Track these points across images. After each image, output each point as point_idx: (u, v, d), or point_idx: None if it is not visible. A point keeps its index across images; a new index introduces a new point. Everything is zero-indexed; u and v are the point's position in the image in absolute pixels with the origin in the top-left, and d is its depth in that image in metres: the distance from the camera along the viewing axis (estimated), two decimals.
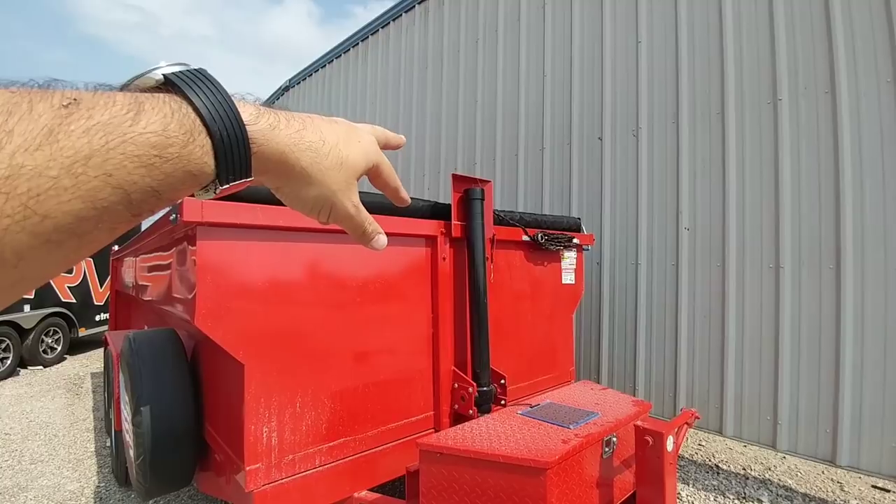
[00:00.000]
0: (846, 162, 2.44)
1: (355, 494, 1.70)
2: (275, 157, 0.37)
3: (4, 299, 0.26)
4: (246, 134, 0.34)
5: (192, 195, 0.34)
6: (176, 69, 0.34)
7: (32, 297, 5.93)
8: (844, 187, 2.44)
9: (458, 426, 1.68)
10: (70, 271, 6.55)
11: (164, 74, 0.33)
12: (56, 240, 0.25)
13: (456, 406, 2.04)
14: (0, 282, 0.24)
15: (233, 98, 0.34)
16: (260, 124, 0.35)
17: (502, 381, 2.12)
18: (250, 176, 0.35)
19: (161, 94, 0.31)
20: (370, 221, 0.47)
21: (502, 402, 2.09)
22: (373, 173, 0.48)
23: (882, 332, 2.32)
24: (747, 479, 2.82)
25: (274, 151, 0.37)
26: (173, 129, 0.29)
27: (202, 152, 0.31)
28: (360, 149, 0.45)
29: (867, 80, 2.40)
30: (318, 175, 0.40)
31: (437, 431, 1.96)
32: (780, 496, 2.61)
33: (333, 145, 0.41)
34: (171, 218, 1.45)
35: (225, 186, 0.34)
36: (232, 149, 0.33)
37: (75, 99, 0.25)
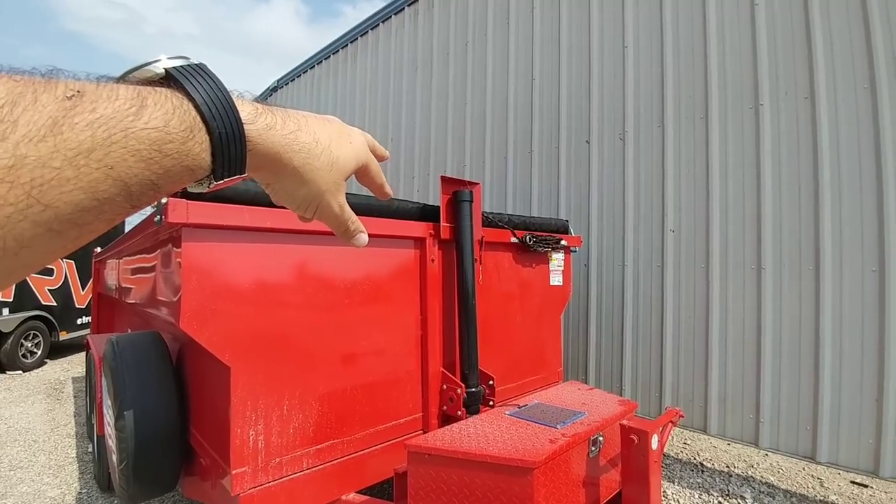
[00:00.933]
0: (825, 166, 2.50)
1: (343, 497, 1.70)
2: (269, 156, 0.38)
3: (1, 285, 0.26)
4: (244, 132, 0.34)
5: (186, 188, 0.35)
6: (177, 63, 0.34)
7: (11, 299, 5.79)
8: (823, 191, 2.50)
9: (447, 427, 1.69)
10: (50, 273, 6.41)
11: (165, 68, 0.33)
12: (57, 229, 0.25)
13: (444, 407, 2.05)
14: (0, 269, 0.24)
15: (232, 95, 0.34)
16: (257, 124, 0.36)
17: (490, 383, 2.13)
18: (245, 172, 0.36)
19: (162, 89, 0.31)
20: (353, 220, 0.48)
21: (490, 402, 2.10)
22: (361, 172, 0.50)
23: (859, 332, 2.38)
24: (731, 476, 2.87)
25: (269, 150, 0.37)
26: (174, 125, 0.30)
27: (200, 149, 0.32)
28: (350, 150, 0.46)
29: (845, 87, 2.47)
30: (309, 175, 0.41)
31: (425, 433, 1.96)
32: (763, 493, 2.66)
33: (326, 146, 0.42)
34: (156, 219, 1.43)
35: (219, 182, 0.35)
36: (229, 146, 0.33)
37: (79, 91, 0.26)
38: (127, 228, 2.72)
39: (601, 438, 1.66)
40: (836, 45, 2.50)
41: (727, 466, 2.99)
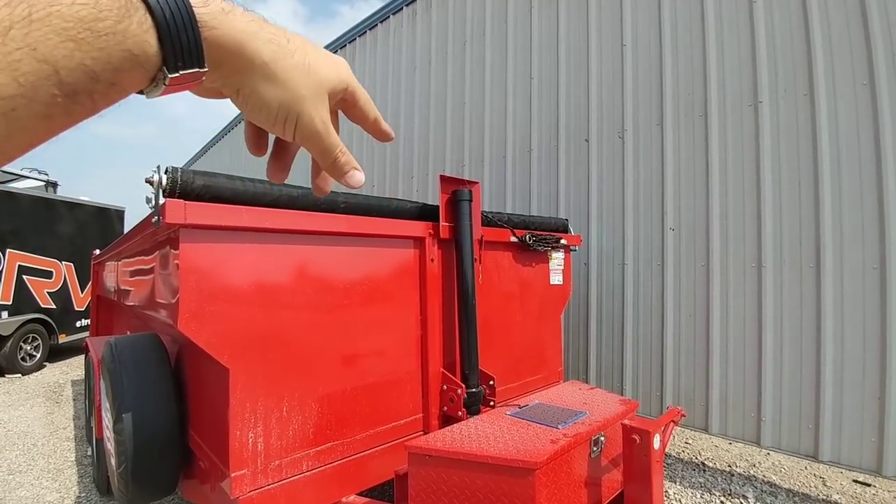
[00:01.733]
0: (825, 163, 2.50)
1: (343, 499, 1.69)
2: (230, 46, 0.34)
3: None
4: (193, 13, 0.31)
5: (144, 93, 0.32)
6: None
7: (10, 302, 5.77)
8: (823, 188, 2.49)
9: (447, 428, 1.68)
10: (49, 276, 6.40)
11: None
12: None
13: (445, 408, 2.04)
14: None
15: None
16: (211, 6, 0.32)
17: (491, 383, 2.12)
18: (203, 65, 0.32)
19: None
20: (343, 150, 0.42)
21: (491, 403, 2.09)
22: (348, 100, 0.43)
23: (860, 329, 2.37)
24: (733, 475, 2.86)
25: (229, 38, 0.33)
26: (105, 1, 0.27)
27: (142, 30, 0.29)
28: (331, 63, 0.40)
29: (844, 84, 2.46)
30: (281, 73, 0.36)
31: (426, 434, 1.95)
32: (765, 492, 2.65)
33: (299, 46, 0.38)
34: (154, 220, 1.42)
35: (175, 75, 0.31)
36: (178, 30, 0.30)
37: None
38: (125, 230, 2.71)
39: (603, 438, 1.65)
40: (835, 42, 2.50)
41: (729, 466, 2.98)
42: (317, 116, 0.39)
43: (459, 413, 1.97)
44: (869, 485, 2.68)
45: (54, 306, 6.40)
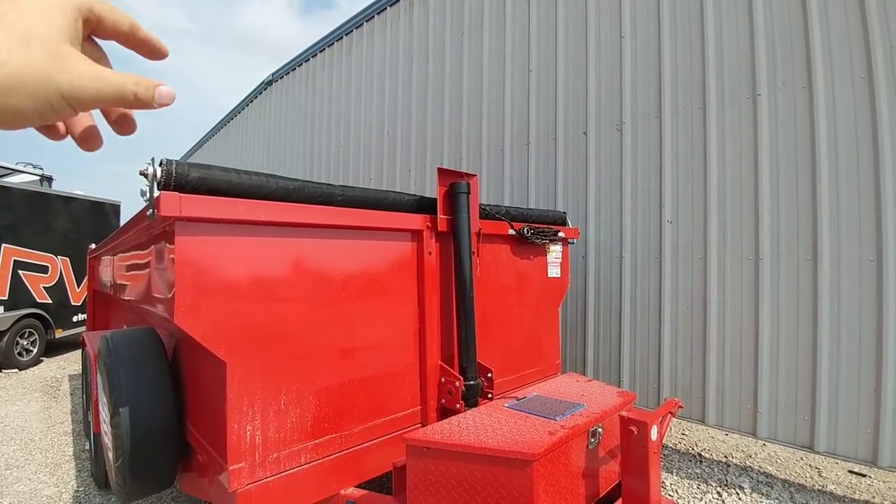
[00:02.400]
0: (822, 156, 2.49)
1: (342, 491, 1.69)
2: None
3: None
4: None
5: None
6: None
7: (6, 297, 5.74)
8: (821, 181, 2.49)
9: (445, 420, 1.68)
10: (45, 271, 6.36)
11: None
12: None
13: (443, 400, 2.04)
14: None
15: None
16: None
17: (489, 375, 2.12)
18: None
19: None
20: (135, 79, 0.33)
21: (489, 395, 2.09)
22: (91, 20, 0.35)
23: (857, 321, 2.38)
24: (729, 466, 2.88)
25: None
26: None
27: None
28: (39, 4, 0.31)
29: (842, 76, 2.45)
30: (3, 82, 0.28)
31: (424, 426, 1.95)
32: (761, 482, 2.67)
33: None
34: (148, 213, 1.40)
35: None
36: None
37: None
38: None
39: (600, 430, 1.65)
40: (833, 35, 2.48)
41: (725, 456, 3.00)
42: (77, 74, 0.31)
43: (457, 405, 1.97)
44: (864, 475, 2.71)
45: (50, 301, 6.37)
